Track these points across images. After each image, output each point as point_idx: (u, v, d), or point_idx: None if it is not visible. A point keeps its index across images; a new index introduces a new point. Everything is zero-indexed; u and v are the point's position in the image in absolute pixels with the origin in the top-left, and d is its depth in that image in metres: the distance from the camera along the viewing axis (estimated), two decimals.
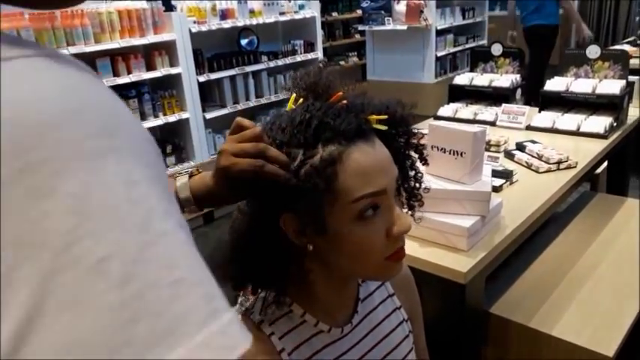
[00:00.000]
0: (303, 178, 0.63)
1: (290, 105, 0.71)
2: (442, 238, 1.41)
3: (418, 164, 0.80)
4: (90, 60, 3.43)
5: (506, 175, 1.82)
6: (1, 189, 0.24)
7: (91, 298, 0.24)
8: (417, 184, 0.79)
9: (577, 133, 2.31)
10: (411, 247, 1.42)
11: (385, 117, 0.70)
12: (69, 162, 0.26)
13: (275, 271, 0.69)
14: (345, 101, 0.70)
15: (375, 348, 0.80)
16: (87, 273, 0.24)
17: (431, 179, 1.47)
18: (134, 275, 0.25)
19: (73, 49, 3.26)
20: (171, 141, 4.00)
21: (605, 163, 2.56)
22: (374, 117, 0.69)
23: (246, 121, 0.69)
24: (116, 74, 3.55)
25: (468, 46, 6.52)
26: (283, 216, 0.66)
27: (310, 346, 0.73)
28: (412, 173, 0.78)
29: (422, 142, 0.79)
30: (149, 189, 0.28)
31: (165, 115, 3.84)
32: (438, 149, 1.48)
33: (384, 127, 0.70)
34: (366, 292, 0.82)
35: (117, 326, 0.24)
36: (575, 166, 1.94)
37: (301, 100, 0.71)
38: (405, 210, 0.79)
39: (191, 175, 0.78)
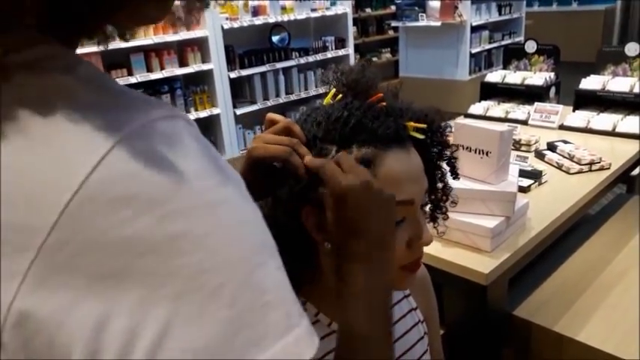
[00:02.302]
0: None
1: (327, 99, 0.70)
2: (465, 239, 1.39)
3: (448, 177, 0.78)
4: (124, 56, 3.52)
5: (535, 175, 1.77)
6: (150, 231, 0.31)
7: (210, 315, 0.32)
8: (444, 197, 0.77)
9: (612, 133, 2.24)
10: (434, 247, 1.40)
11: (424, 126, 0.68)
12: (199, 210, 0.33)
13: (291, 265, 0.69)
14: (384, 103, 0.68)
15: None
16: (208, 296, 0.32)
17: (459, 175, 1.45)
18: (239, 299, 0.33)
19: (109, 45, 3.35)
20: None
21: None
22: (412, 124, 0.67)
23: (277, 116, 0.69)
24: (149, 70, 3.63)
25: (503, 42, 6.39)
26: (305, 208, 0.65)
27: (323, 345, 0.73)
28: (440, 185, 0.76)
29: (455, 145, 0.77)
30: (251, 228, 0.37)
31: (196, 110, 3.91)
32: (463, 148, 1.46)
33: (421, 136, 0.68)
34: None
35: (226, 336, 0.32)
36: (608, 168, 1.88)
37: (340, 96, 0.70)
38: (429, 221, 0.77)
39: None
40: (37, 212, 0.30)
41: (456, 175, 0.79)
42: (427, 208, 0.77)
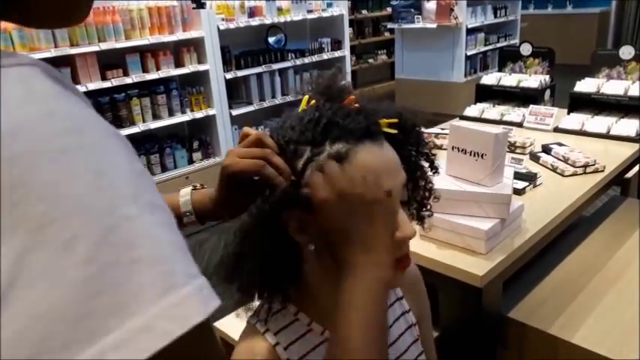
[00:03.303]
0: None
1: (302, 106, 0.71)
2: (460, 241, 1.40)
3: (430, 175, 0.78)
4: (120, 56, 3.50)
5: (530, 177, 1.78)
6: None
7: (60, 274, 0.28)
8: (427, 194, 0.78)
9: (607, 136, 2.25)
10: (429, 249, 1.41)
11: (395, 120, 0.69)
12: (41, 156, 0.30)
13: (276, 271, 0.68)
14: (357, 105, 0.69)
15: None
16: (56, 251, 0.28)
17: (450, 180, 1.46)
18: (97, 255, 0.29)
19: (104, 45, 3.34)
20: (198, 137, 4.05)
21: (637, 167, 2.48)
22: (384, 120, 0.68)
23: (251, 130, 0.70)
24: (145, 70, 3.61)
25: (499, 45, 6.41)
26: (286, 212, 0.65)
27: (317, 354, 0.72)
28: (422, 183, 0.77)
29: (431, 141, 0.78)
30: (116, 177, 0.32)
31: (192, 111, 3.90)
32: (458, 150, 1.46)
33: (393, 131, 0.69)
34: None
35: (81, 299, 0.28)
36: (602, 170, 1.89)
37: (313, 101, 0.71)
38: (416, 223, 0.78)
39: (195, 188, 0.79)
40: None
41: (435, 170, 0.79)
42: (413, 209, 0.78)
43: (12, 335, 0.27)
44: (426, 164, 0.78)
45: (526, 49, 2.78)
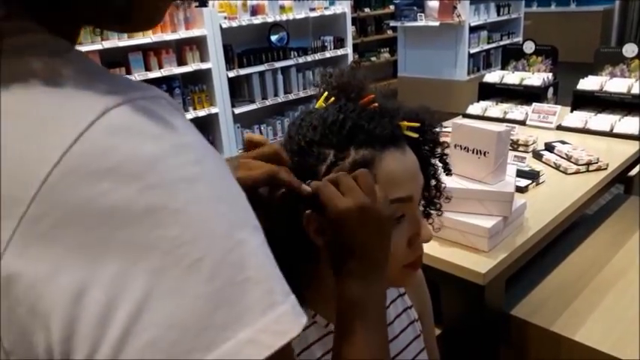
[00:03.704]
0: None
1: (320, 103, 0.70)
2: (463, 239, 1.40)
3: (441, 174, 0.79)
4: (123, 54, 3.51)
5: (533, 175, 1.78)
6: (129, 203, 0.32)
7: (188, 290, 0.32)
8: (438, 194, 0.78)
9: (610, 134, 2.24)
10: (431, 247, 1.41)
11: (418, 125, 0.70)
12: (175, 185, 0.33)
13: (291, 268, 0.68)
14: (376, 104, 0.69)
15: None
16: (186, 270, 0.32)
17: (453, 178, 1.45)
18: (218, 274, 0.33)
19: (107, 44, 3.34)
20: None
21: None
22: (405, 123, 0.68)
23: (256, 137, 0.67)
24: (148, 69, 3.62)
25: (502, 43, 6.40)
26: (306, 214, 0.64)
27: (322, 346, 0.73)
28: (434, 182, 0.77)
29: (446, 142, 0.78)
30: (230, 205, 0.36)
31: (195, 109, 3.91)
32: (461, 148, 1.46)
33: (414, 135, 0.69)
34: None
35: (205, 312, 0.32)
36: (605, 168, 1.89)
37: (332, 99, 0.70)
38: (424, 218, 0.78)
39: None
40: (19, 185, 0.31)
41: (449, 172, 0.80)
42: (421, 205, 0.78)
43: (146, 343, 0.30)
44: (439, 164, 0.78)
45: (529, 47, 2.78)
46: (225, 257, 0.33)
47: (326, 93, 0.71)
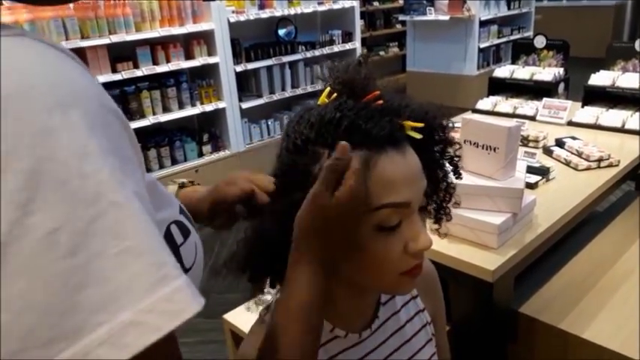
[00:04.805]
0: None
1: (322, 98, 0.67)
2: (472, 235, 1.38)
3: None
4: (130, 48, 3.51)
5: (543, 171, 1.76)
6: None
7: (42, 267, 0.26)
8: (447, 197, 0.74)
9: (622, 130, 2.21)
10: (440, 243, 1.39)
11: (421, 125, 0.65)
12: (21, 138, 0.28)
13: (282, 272, 0.67)
14: (381, 101, 0.65)
15: (396, 352, 0.77)
16: (38, 243, 0.27)
17: (462, 174, 1.44)
18: (82, 246, 0.27)
19: (115, 38, 3.34)
20: (208, 130, 4.06)
21: None
22: (409, 123, 0.64)
23: (238, 177, 0.74)
24: (155, 63, 3.62)
25: (512, 37, 6.34)
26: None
27: (326, 351, 0.72)
28: (443, 185, 0.73)
29: (458, 143, 0.73)
30: (103, 161, 0.30)
31: (202, 104, 3.90)
32: (470, 144, 1.45)
33: (418, 136, 0.64)
34: (388, 295, 0.80)
35: (65, 293, 0.26)
36: (617, 165, 1.86)
37: (335, 95, 0.67)
38: (432, 222, 0.75)
39: (182, 186, 0.77)
40: None
41: (458, 175, 0.75)
42: (431, 208, 0.74)
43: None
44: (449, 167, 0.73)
45: (540, 42, 2.75)
46: (91, 225, 0.28)
47: (329, 88, 0.67)
